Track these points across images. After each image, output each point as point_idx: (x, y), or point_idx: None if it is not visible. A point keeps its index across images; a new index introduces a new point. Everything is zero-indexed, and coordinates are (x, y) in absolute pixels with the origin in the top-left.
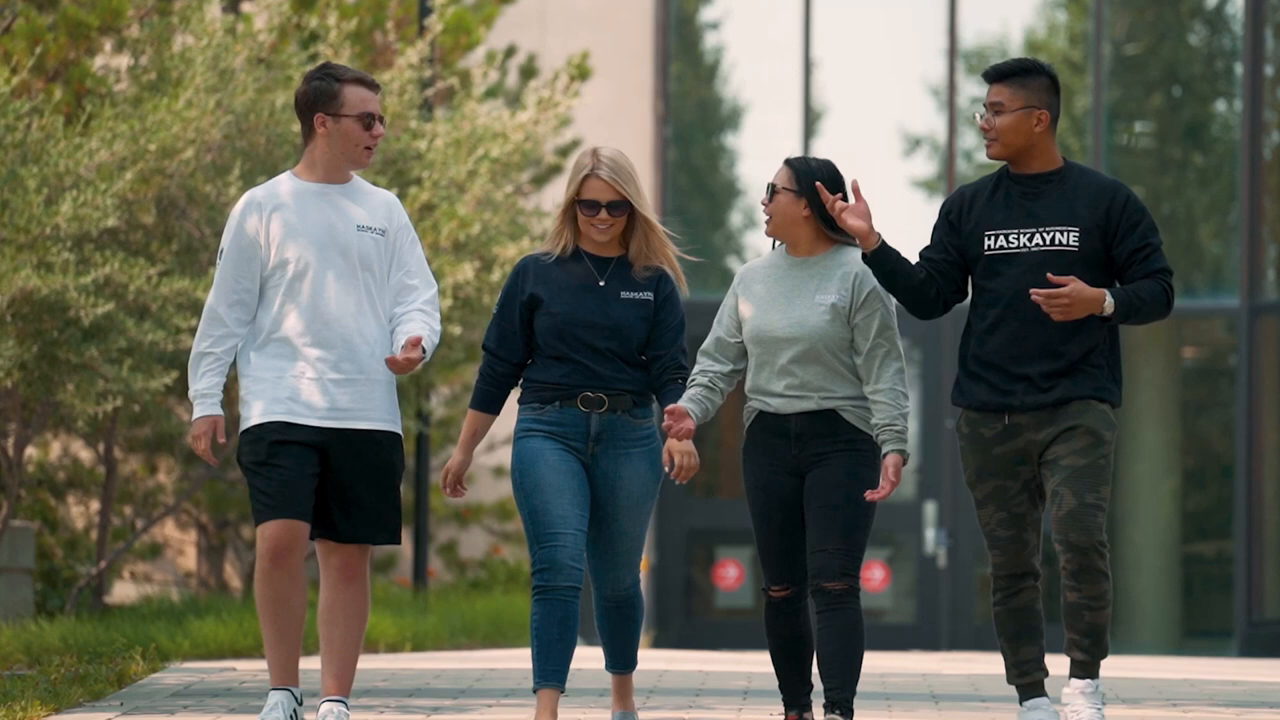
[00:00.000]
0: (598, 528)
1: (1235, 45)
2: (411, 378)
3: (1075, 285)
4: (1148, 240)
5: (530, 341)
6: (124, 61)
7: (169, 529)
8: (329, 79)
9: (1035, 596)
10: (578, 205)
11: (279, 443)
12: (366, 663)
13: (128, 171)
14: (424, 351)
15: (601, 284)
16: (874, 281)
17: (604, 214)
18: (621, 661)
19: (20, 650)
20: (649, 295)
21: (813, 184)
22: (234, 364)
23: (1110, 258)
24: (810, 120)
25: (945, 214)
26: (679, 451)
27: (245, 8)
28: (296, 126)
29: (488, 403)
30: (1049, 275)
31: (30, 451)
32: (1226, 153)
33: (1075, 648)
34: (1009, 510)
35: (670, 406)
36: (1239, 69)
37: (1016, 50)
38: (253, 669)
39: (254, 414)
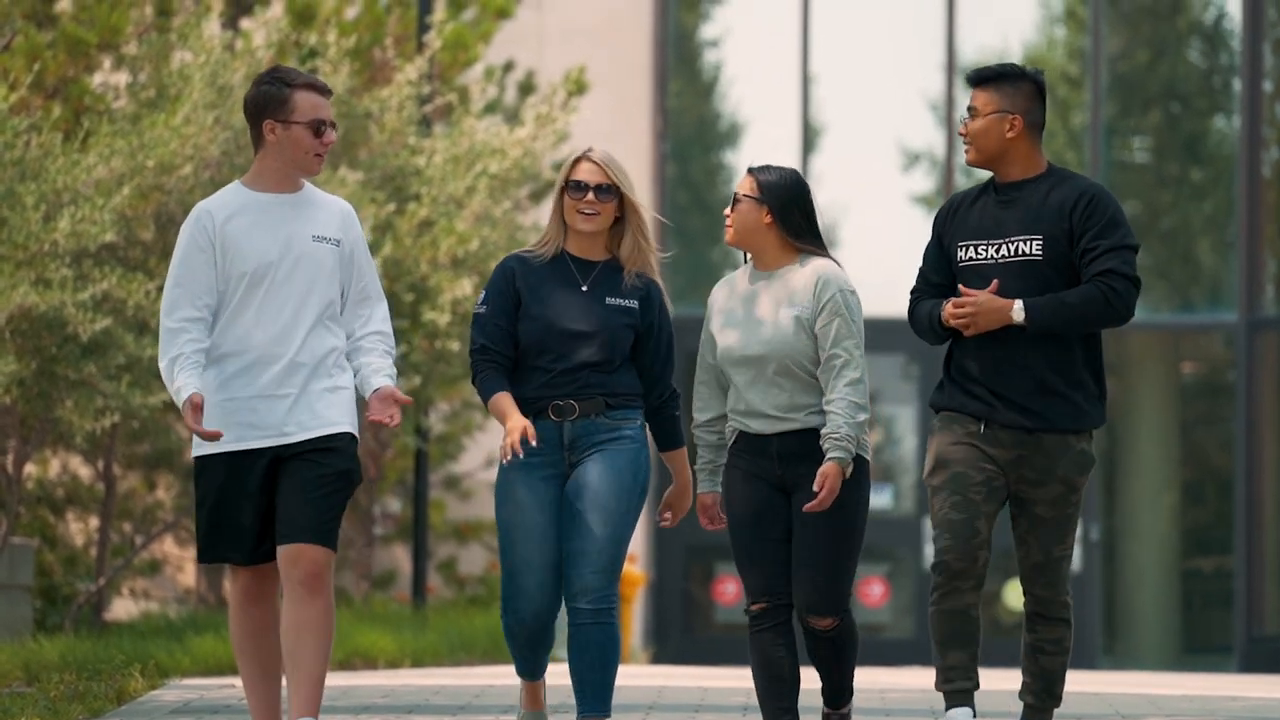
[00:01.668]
0: (569, 525)
1: (1233, 61)
2: (409, 393)
3: (982, 296)
4: (1099, 242)
5: (516, 340)
6: (123, 78)
7: (168, 545)
8: (279, 84)
9: (973, 602)
10: (566, 189)
11: (233, 476)
12: (366, 679)
13: (125, 187)
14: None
15: (585, 289)
16: (834, 290)
17: (591, 196)
18: (594, 702)
19: (19, 667)
20: (634, 304)
21: (775, 191)
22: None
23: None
24: (809, 136)
25: (936, 231)
26: (677, 511)
27: (244, 24)
28: None
29: (503, 383)
30: (961, 287)
31: (29, 468)
32: (1224, 168)
33: (1027, 691)
34: (965, 495)
35: (706, 506)
36: (1237, 85)
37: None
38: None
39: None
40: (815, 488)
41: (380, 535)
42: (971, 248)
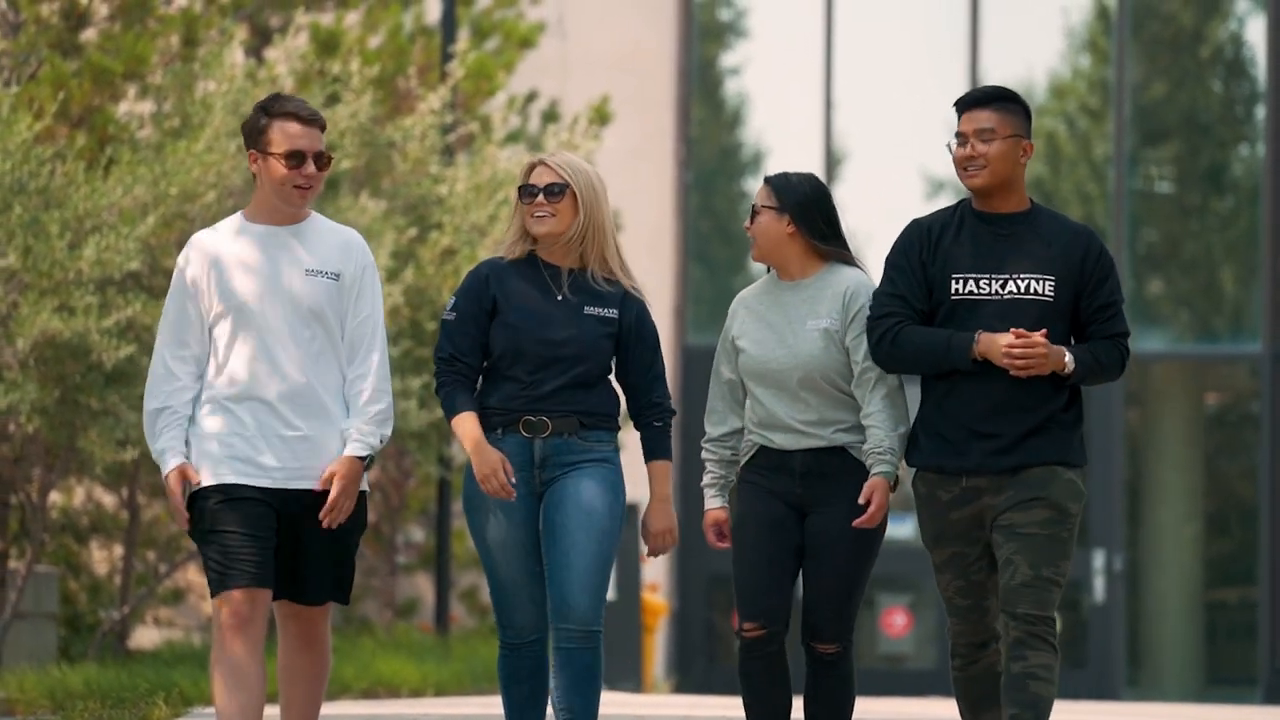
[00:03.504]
0: (551, 547)
1: (1255, 90)
2: (432, 424)
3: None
4: (1114, 298)
5: (486, 351)
6: (147, 108)
7: (192, 574)
8: (260, 113)
9: (996, 660)
10: (519, 194)
11: (229, 502)
12: (389, 708)
13: (150, 215)
14: (363, 460)
15: (560, 297)
16: (864, 299)
17: (540, 197)
18: None
19: (44, 695)
20: (614, 313)
21: (795, 200)
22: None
23: (1077, 309)
24: (831, 164)
25: (917, 257)
26: (663, 532)
27: (268, 54)
28: None
29: (470, 402)
30: (1013, 330)
31: (54, 497)
32: (1247, 197)
33: None
34: (967, 578)
35: (718, 521)
36: (1260, 114)
37: (1040, 94)
38: (274, 714)
39: (201, 477)
40: (862, 500)
41: (403, 564)
42: (971, 280)
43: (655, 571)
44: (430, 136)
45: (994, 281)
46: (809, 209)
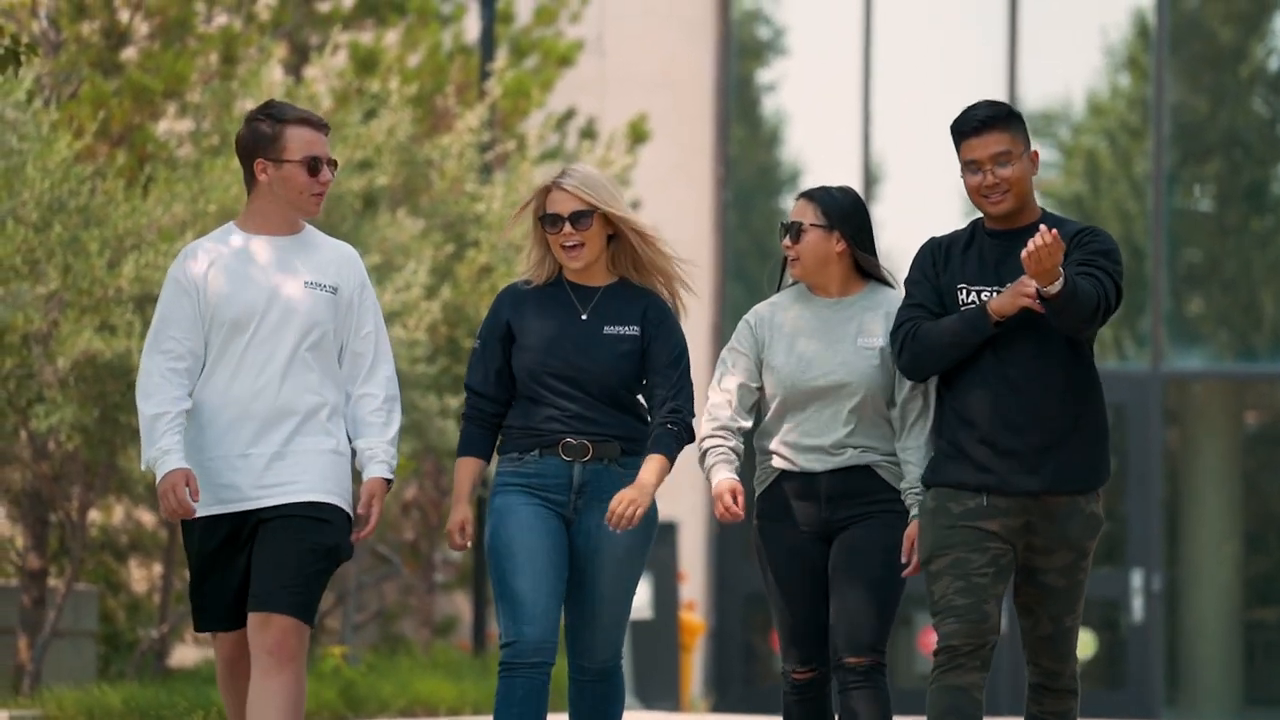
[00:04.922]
0: (577, 591)
1: None
2: None
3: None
4: (1097, 260)
5: (513, 379)
6: (187, 126)
7: None
8: (269, 120)
9: (976, 682)
10: (542, 224)
11: (215, 551)
12: None
13: (189, 232)
14: (388, 483)
15: (584, 318)
16: None
17: (567, 228)
18: None
19: (83, 714)
20: (635, 330)
21: (843, 216)
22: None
23: None
24: (870, 182)
25: (933, 269)
26: (629, 502)
27: (307, 72)
28: (355, 185)
29: (479, 447)
30: (1043, 226)
31: (93, 515)
32: None
33: None
34: (969, 580)
35: (735, 491)
36: None
37: (1080, 111)
38: None
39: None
40: (905, 556)
41: (441, 583)
42: (974, 292)
43: (693, 590)
44: (468, 154)
45: (996, 294)
46: (858, 225)
